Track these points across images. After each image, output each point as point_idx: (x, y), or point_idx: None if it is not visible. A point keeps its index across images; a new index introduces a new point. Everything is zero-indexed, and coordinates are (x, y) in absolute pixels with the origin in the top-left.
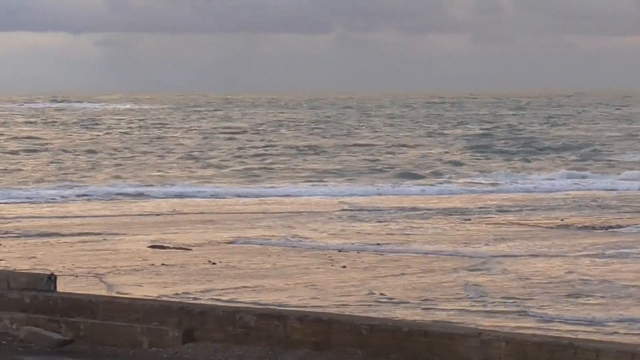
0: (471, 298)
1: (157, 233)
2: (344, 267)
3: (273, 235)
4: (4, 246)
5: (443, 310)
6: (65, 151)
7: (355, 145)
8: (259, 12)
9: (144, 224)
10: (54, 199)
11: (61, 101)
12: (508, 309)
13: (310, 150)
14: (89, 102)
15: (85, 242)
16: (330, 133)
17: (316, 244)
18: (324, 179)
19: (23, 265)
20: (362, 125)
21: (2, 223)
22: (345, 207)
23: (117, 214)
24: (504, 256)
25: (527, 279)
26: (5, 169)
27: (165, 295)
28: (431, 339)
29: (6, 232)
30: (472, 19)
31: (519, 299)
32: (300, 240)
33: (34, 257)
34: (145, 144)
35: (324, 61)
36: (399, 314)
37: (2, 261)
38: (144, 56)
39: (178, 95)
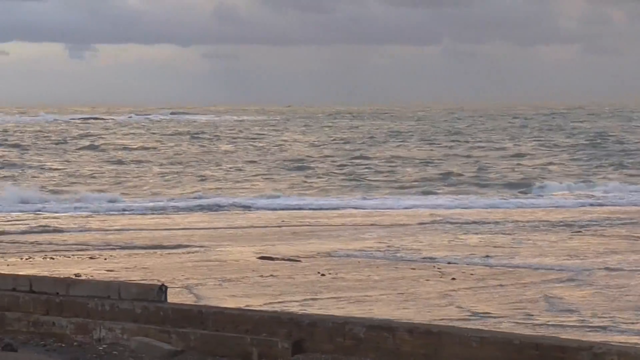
0: (572, 312)
1: (265, 245)
2: (454, 279)
3: (379, 247)
4: (114, 257)
5: (550, 325)
6: (179, 163)
7: (468, 156)
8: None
9: (252, 235)
10: (163, 209)
11: (175, 113)
12: (611, 324)
13: (418, 161)
14: (202, 114)
15: (193, 253)
16: (441, 143)
17: (423, 255)
18: (432, 190)
19: (131, 276)
20: (473, 136)
21: (110, 234)
22: (450, 219)
23: (225, 226)
24: (610, 269)
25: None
26: (117, 180)
27: (274, 307)
28: (543, 351)
29: (108, 244)
30: (581, 30)
31: (612, 314)
32: (406, 252)
33: (144, 268)
34: (257, 155)
35: (432, 73)
36: (505, 327)
37: (112, 272)
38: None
39: (286, 107)
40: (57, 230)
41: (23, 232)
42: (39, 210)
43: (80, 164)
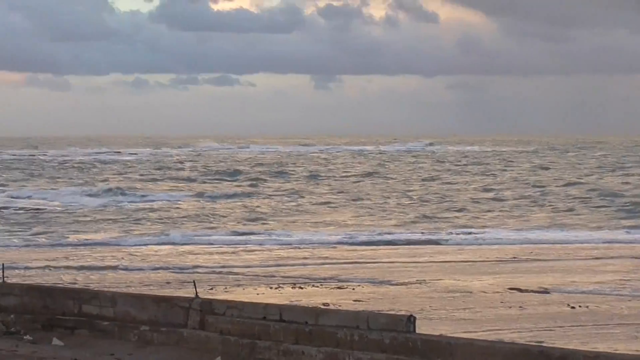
0: None
1: (513, 276)
2: None
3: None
4: (361, 286)
5: None
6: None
7: None
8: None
9: (499, 267)
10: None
11: (432, 144)
12: None
13: None
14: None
15: (429, 283)
16: None
17: None
18: None
19: (377, 306)
20: None
21: (358, 265)
22: None
23: (473, 259)
24: None
25: None
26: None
27: (522, 338)
28: None
29: (354, 274)
30: None
31: None
32: None
33: (390, 298)
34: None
35: None
36: None
37: (359, 302)
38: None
39: (531, 137)
40: (302, 263)
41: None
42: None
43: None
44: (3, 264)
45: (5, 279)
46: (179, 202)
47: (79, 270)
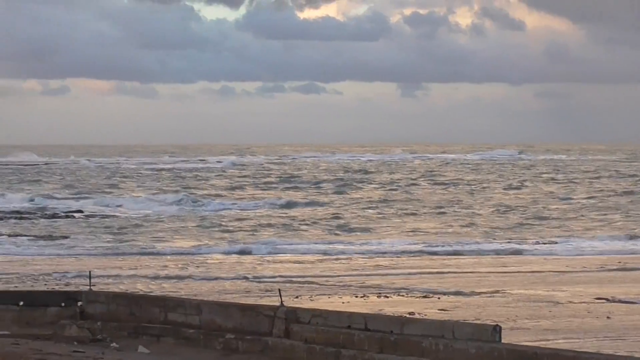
0: None
1: (593, 286)
2: None
3: None
4: (446, 296)
5: None
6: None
7: None
8: None
9: (585, 277)
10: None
11: (522, 152)
12: None
13: None
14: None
15: (515, 293)
16: None
17: None
18: None
19: (463, 315)
20: None
21: (445, 274)
22: None
23: (559, 269)
24: None
25: None
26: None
27: (609, 348)
28: None
29: (442, 285)
30: None
31: None
32: None
33: (475, 307)
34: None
35: None
36: None
37: (446, 311)
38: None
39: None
40: (387, 273)
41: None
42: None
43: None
44: (90, 272)
45: (91, 286)
46: (262, 210)
47: (158, 279)
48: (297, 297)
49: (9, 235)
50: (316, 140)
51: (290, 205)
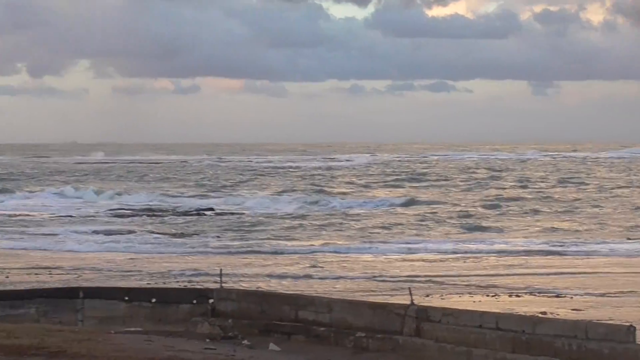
0: None
1: None
2: None
3: None
4: (579, 296)
5: None
6: None
7: None
8: None
9: None
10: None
11: None
12: None
13: None
14: None
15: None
16: None
17: None
18: None
19: (596, 315)
20: None
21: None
22: None
23: None
24: None
25: None
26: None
27: None
28: None
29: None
30: None
31: None
32: None
33: (612, 307)
34: None
35: None
36: None
37: (579, 311)
38: None
39: None
40: (518, 272)
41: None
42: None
43: None
44: (221, 269)
45: (222, 284)
46: (388, 208)
47: (285, 277)
48: (427, 296)
49: (141, 233)
50: (446, 139)
51: (416, 203)
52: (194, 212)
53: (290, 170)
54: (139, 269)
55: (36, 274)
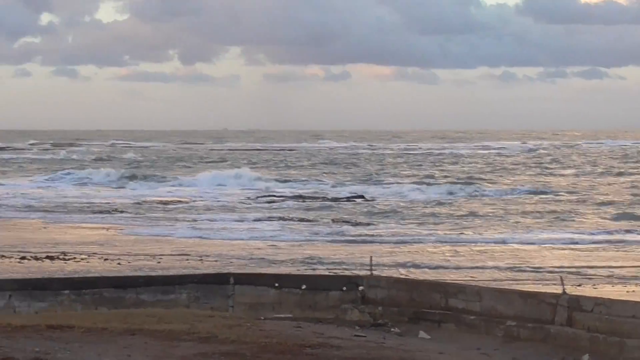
0: None
1: None
2: None
3: None
4: None
5: None
6: None
7: None
8: None
9: None
10: None
11: None
12: None
13: None
14: None
15: None
16: None
17: None
18: None
19: None
20: None
21: None
22: None
23: None
24: None
25: None
26: None
27: None
28: None
29: None
30: None
31: None
32: None
33: None
34: None
35: None
36: None
37: None
38: None
39: None
40: None
41: None
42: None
43: None
44: (371, 257)
45: (372, 271)
46: (534, 197)
47: (429, 266)
48: (579, 285)
49: (289, 220)
50: (598, 126)
51: (566, 190)
52: (344, 199)
53: (440, 156)
54: (287, 255)
55: (187, 259)
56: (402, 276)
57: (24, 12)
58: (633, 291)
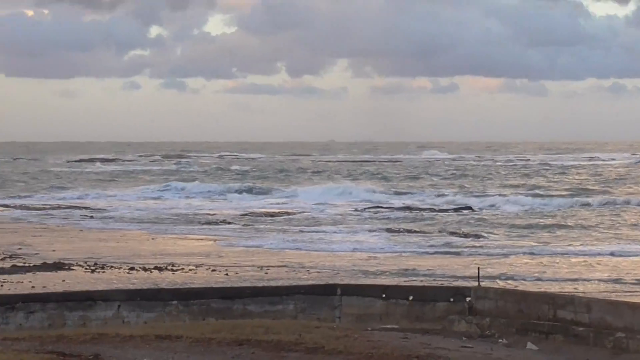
0: None
1: None
2: None
3: None
4: None
5: None
6: None
7: None
8: None
9: None
10: None
11: None
12: None
13: None
14: None
15: None
16: None
17: None
18: None
19: None
20: None
21: None
22: None
23: None
24: None
25: None
26: None
27: None
28: None
29: None
30: None
31: None
32: None
33: None
34: None
35: None
36: None
37: None
38: None
39: None
40: None
41: None
42: None
43: None
44: (479, 268)
45: (480, 282)
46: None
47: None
48: None
49: (395, 230)
50: None
51: None
52: (451, 210)
53: (547, 167)
54: (391, 267)
55: (294, 271)
56: (510, 287)
57: (133, 25)
58: None
